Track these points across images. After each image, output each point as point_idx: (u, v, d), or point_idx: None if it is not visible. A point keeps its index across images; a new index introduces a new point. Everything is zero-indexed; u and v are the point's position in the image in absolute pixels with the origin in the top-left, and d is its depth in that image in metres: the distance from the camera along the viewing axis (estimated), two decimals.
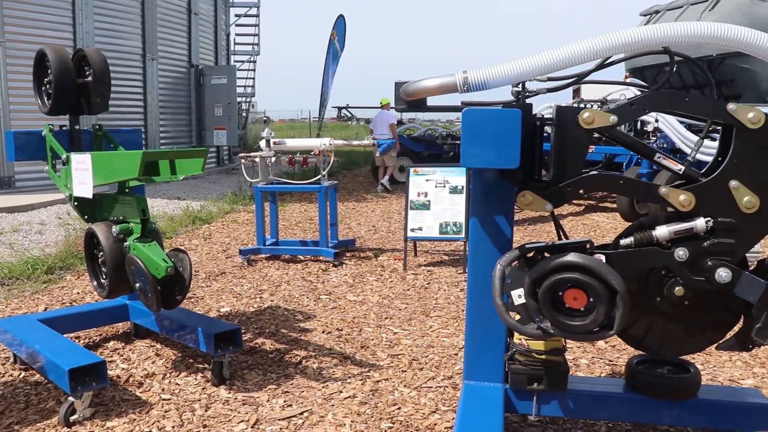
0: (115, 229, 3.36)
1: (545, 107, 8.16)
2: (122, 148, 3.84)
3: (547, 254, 2.39)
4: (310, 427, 3.07)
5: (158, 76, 15.55)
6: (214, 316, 4.80)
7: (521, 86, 2.50)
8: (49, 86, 3.69)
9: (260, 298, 5.34)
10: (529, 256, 2.42)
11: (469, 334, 2.79)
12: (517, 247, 2.46)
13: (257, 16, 21.71)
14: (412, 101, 2.51)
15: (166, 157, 3.23)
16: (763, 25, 11.51)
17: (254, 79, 22.62)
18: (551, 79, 2.49)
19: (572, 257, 2.30)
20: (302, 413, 3.20)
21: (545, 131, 2.53)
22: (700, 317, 2.52)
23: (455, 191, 6.47)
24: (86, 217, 3.67)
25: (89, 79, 3.66)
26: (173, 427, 3.07)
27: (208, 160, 15.41)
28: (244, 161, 6.98)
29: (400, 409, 3.25)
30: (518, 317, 2.40)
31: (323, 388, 3.50)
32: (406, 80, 2.52)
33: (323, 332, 4.44)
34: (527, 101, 2.53)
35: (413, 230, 6.49)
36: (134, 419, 3.14)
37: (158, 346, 4.12)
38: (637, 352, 2.73)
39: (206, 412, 3.23)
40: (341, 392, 3.45)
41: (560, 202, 2.42)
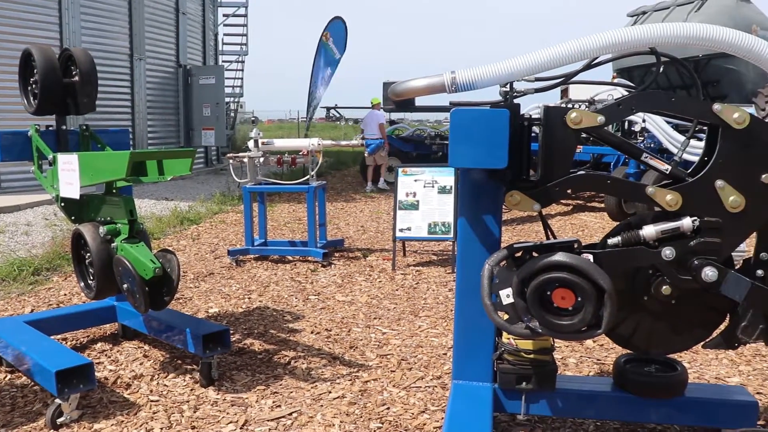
0: (102, 230, 3.34)
1: (533, 107, 8.20)
2: (109, 148, 3.82)
3: (535, 254, 2.40)
4: (299, 427, 3.07)
5: (146, 76, 15.47)
6: (202, 317, 4.79)
7: (509, 86, 2.51)
8: (35, 86, 3.67)
9: (249, 298, 5.33)
10: (517, 255, 2.43)
11: (457, 333, 2.80)
12: (505, 246, 2.47)
13: (245, 15, 21.65)
14: (400, 101, 2.51)
15: (153, 157, 3.21)
16: (747, 26, 11.61)
17: (242, 79, 22.58)
18: (539, 79, 2.51)
19: (560, 257, 2.31)
20: (291, 414, 3.20)
21: (533, 131, 2.54)
22: (686, 316, 2.54)
23: (444, 191, 6.48)
24: (73, 217, 3.65)
25: (76, 78, 3.64)
26: (161, 428, 3.06)
27: (196, 160, 15.39)
28: (232, 161, 6.96)
29: (389, 409, 3.25)
30: (507, 317, 2.41)
31: (312, 388, 3.50)
32: (394, 80, 2.53)
33: (312, 332, 4.44)
34: (515, 101, 2.54)
35: (402, 230, 6.49)
36: (122, 421, 3.13)
37: (146, 347, 4.10)
38: (625, 350, 2.75)
39: (195, 413, 3.22)
40: (330, 392, 3.44)
41: (548, 201, 2.43)
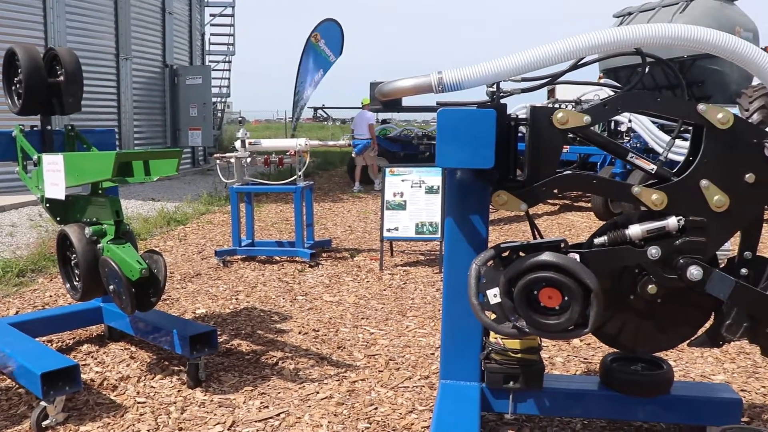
0: (88, 230, 3.32)
1: (520, 107, 8.22)
2: (95, 148, 3.80)
3: (522, 253, 2.41)
4: (286, 428, 3.06)
5: (132, 76, 15.39)
6: (189, 317, 4.77)
7: (496, 87, 2.51)
8: (19, 86, 3.64)
9: (236, 299, 5.31)
10: (504, 255, 2.44)
11: (445, 333, 2.81)
12: (492, 246, 2.48)
13: (232, 15, 21.62)
14: (387, 101, 2.51)
15: (139, 157, 3.19)
16: (731, 27, 11.71)
17: (229, 79, 22.54)
18: (526, 79, 2.51)
19: (547, 256, 2.32)
20: (279, 414, 3.19)
21: (520, 131, 2.55)
22: (672, 315, 2.56)
23: (431, 191, 6.49)
24: (58, 218, 3.62)
25: (61, 78, 3.61)
26: (148, 430, 3.04)
27: (182, 160, 15.27)
28: (219, 162, 6.94)
29: (377, 409, 3.25)
30: (494, 316, 2.42)
31: (300, 389, 3.49)
32: (381, 80, 2.53)
33: (300, 333, 4.43)
34: (502, 101, 2.55)
35: (389, 230, 6.49)
36: (109, 423, 3.11)
37: (133, 348, 4.08)
38: (611, 349, 2.77)
39: (182, 414, 3.20)
40: (318, 393, 3.44)
41: (535, 201, 2.44)
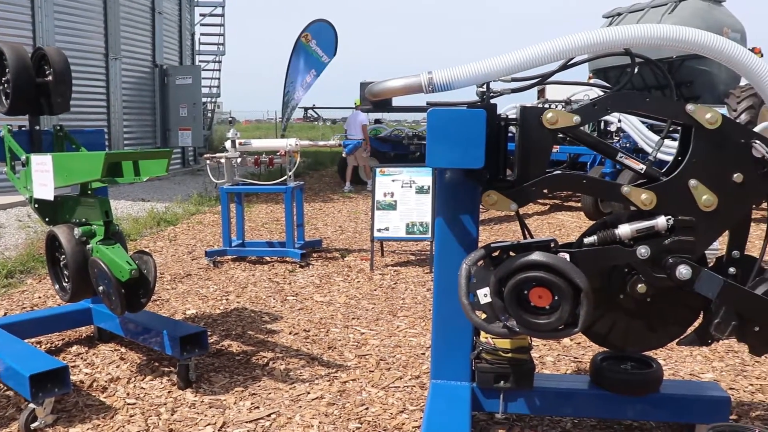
0: (77, 231, 3.30)
1: (510, 107, 8.23)
2: (84, 149, 3.78)
3: (512, 253, 2.42)
4: (277, 428, 3.05)
5: (121, 75, 15.31)
6: (179, 318, 4.75)
7: (486, 87, 2.52)
8: (7, 85, 3.61)
9: (226, 299, 5.30)
10: (494, 255, 2.45)
11: (435, 333, 2.81)
12: (482, 246, 2.48)
13: (222, 15, 21.55)
14: (377, 101, 2.52)
15: (129, 158, 3.18)
16: (719, 28, 11.79)
17: (219, 79, 22.47)
18: (515, 79, 2.52)
19: (537, 256, 2.33)
20: (270, 415, 3.19)
21: (510, 131, 2.56)
22: (661, 314, 2.57)
23: (421, 191, 6.49)
24: (47, 219, 3.60)
25: (49, 78, 3.59)
26: (138, 431, 3.03)
27: (172, 161, 15.24)
28: (209, 162, 6.92)
29: (367, 409, 3.25)
30: (484, 316, 2.42)
31: (290, 389, 3.49)
32: (371, 81, 2.53)
33: (290, 333, 4.42)
34: (492, 101, 2.55)
35: (380, 230, 6.49)
36: (98, 425, 3.09)
37: (123, 349, 4.06)
38: (601, 348, 2.78)
39: (172, 415, 3.19)
40: (309, 393, 3.43)
41: (525, 201, 2.45)
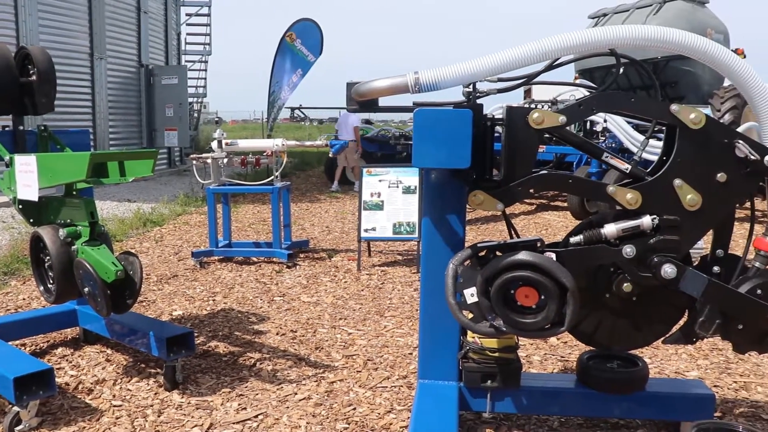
0: (62, 232, 3.28)
1: (496, 107, 8.26)
2: (69, 149, 3.75)
3: (498, 253, 2.43)
4: (265, 429, 3.05)
5: (107, 75, 15.21)
6: (166, 319, 4.73)
7: (472, 87, 2.52)
8: None
9: (213, 300, 5.28)
10: (481, 255, 2.45)
11: (423, 333, 2.81)
12: (469, 246, 2.49)
13: (209, 15, 21.45)
14: (363, 102, 2.52)
15: (114, 158, 3.16)
16: (702, 29, 11.88)
17: (206, 79, 22.37)
18: (502, 79, 2.53)
19: (523, 256, 2.34)
20: (257, 416, 3.18)
21: (496, 131, 2.57)
22: (647, 312, 2.59)
23: (408, 191, 6.50)
24: (32, 220, 3.57)
25: (33, 78, 3.56)
26: None
27: (159, 161, 15.13)
28: (195, 162, 6.89)
29: (355, 409, 3.25)
30: (471, 316, 2.43)
31: (278, 390, 3.48)
32: (357, 81, 2.53)
33: (277, 334, 4.41)
34: (478, 102, 2.56)
35: (367, 230, 6.49)
36: (84, 427, 3.07)
37: (109, 351, 4.04)
38: (588, 347, 2.79)
39: (159, 417, 3.17)
40: (296, 394, 3.43)
41: (511, 201, 2.46)
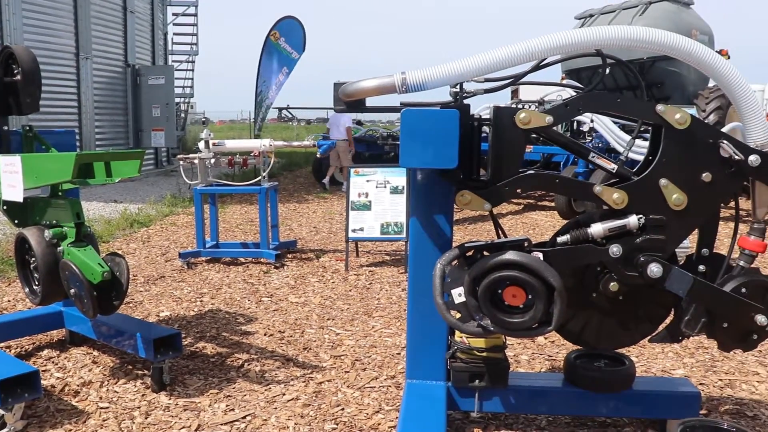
0: (47, 233, 3.25)
1: (484, 108, 8.28)
2: (54, 149, 3.72)
3: (486, 253, 2.43)
4: (253, 430, 3.04)
5: (93, 75, 15.11)
6: (153, 321, 4.71)
7: (459, 87, 2.53)
8: None
9: (201, 301, 5.26)
10: (468, 254, 2.46)
11: (410, 333, 2.82)
12: (456, 246, 2.49)
13: (195, 15, 21.36)
14: (350, 102, 2.52)
15: (101, 159, 3.14)
16: (687, 30, 11.97)
17: (193, 79, 22.29)
18: (489, 80, 2.54)
19: (510, 255, 2.34)
20: (245, 417, 3.17)
21: (483, 131, 2.57)
22: (633, 311, 2.61)
23: (396, 191, 6.51)
24: (17, 221, 3.55)
25: (18, 78, 3.53)
26: None
27: (145, 162, 15.06)
28: (182, 163, 6.86)
29: (343, 409, 3.25)
30: (459, 315, 2.44)
31: (266, 391, 3.47)
32: (345, 81, 2.53)
33: (265, 335, 4.40)
34: (465, 102, 2.57)
35: (355, 231, 6.49)
36: (70, 430, 3.05)
37: (95, 353, 4.01)
38: (575, 346, 2.81)
39: (146, 419, 3.16)
40: (284, 395, 3.42)
41: (498, 201, 2.46)
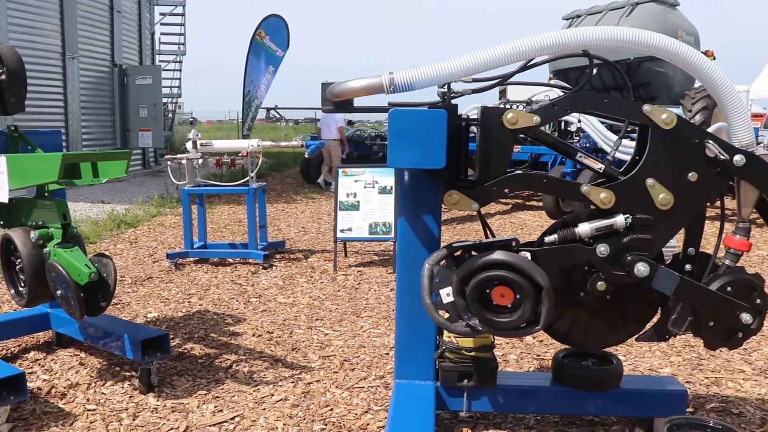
0: (33, 234, 3.23)
1: (472, 108, 8.29)
2: (40, 150, 3.70)
3: (474, 253, 2.44)
4: (241, 431, 3.03)
5: (79, 75, 15.00)
6: (141, 322, 4.69)
7: (447, 87, 2.53)
8: None
9: (189, 302, 5.24)
10: (456, 254, 2.46)
11: (399, 333, 2.82)
12: (444, 246, 2.50)
13: (183, 15, 21.30)
14: (338, 102, 2.52)
15: (87, 159, 3.13)
16: (674, 31, 12.05)
17: (180, 79, 22.22)
18: (477, 80, 2.54)
19: (498, 255, 2.35)
20: (233, 418, 3.16)
21: (471, 131, 2.58)
22: (621, 310, 2.62)
23: (384, 191, 6.51)
24: (2, 222, 3.52)
25: (2, 77, 3.50)
26: None
27: (133, 162, 14.98)
28: (170, 163, 6.83)
29: (332, 410, 3.25)
30: (447, 315, 2.44)
31: (254, 391, 3.46)
32: (333, 81, 2.52)
33: (253, 335, 4.39)
34: (453, 102, 2.57)
35: (343, 231, 6.49)
36: None
37: (82, 355, 3.99)
38: (563, 346, 2.82)
39: (134, 421, 3.14)
40: (273, 395, 3.41)
41: (486, 201, 2.47)
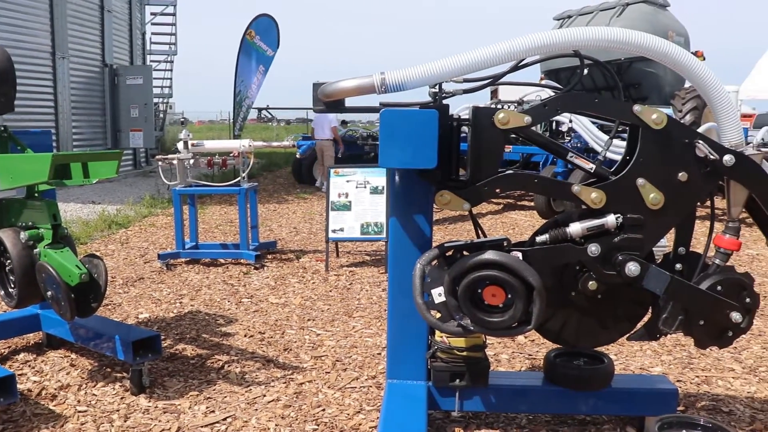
0: (23, 235, 3.22)
1: (463, 108, 8.31)
2: (30, 150, 3.68)
3: (465, 252, 2.44)
4: None
5: (69, 75, 14.92)
6: (132, 323, 4.67)
7: (438, 87, 2.54)
8: None
9: (180, 303, 5.22)
10: (448, 254, 2.47)
11: (391, 333, 2.82)
12: (436, 246, 2.50)
13: (174, 14, 21.23)
14: (330, 102, 2.51)
15: (78, 159, 3.12)
16: (664, 32, 12.11)
17: (171, 79, 22.17)
18: (468, 80, 2.55)
19: (490, 255, 2.36)
20: (225, 419, 3.15)
21: (463, 131, 2.58)
22: (612, 310, 2.63)
23: (376, 191, 6.51)
24: None
25: None
26: None
27: (124, 162, 14.92)
28: (161, 163, 6.81)
29: (324, 410, 3.24)
30: (439, 315, 2.44)
31: (246, 392, 3.46)
32: (324, 81, 2.52)
33: (245, 336, 4.38)
34: (444, 102, 2.57)
35: (335, 231, 6.48)
36: None
37: (73, 356, 3.97)
38: (555, 345, 2.82)
39: (125, 422, 3.13)
40: (265, 396, 3.41)
41: (478, 201, 2.47)
